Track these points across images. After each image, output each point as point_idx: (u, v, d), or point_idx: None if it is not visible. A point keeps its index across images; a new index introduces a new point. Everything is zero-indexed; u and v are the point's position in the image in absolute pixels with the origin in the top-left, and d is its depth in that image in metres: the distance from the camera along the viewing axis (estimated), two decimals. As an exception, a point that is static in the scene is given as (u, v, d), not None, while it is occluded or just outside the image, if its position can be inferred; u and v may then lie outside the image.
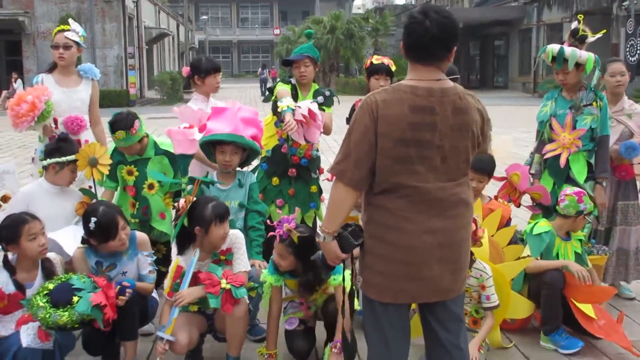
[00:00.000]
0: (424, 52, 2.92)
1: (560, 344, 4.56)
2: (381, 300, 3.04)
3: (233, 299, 3.95)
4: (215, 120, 4.75)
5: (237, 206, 4.68)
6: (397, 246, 2.95)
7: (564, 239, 4.75)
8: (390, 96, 2.91)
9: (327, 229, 3.03)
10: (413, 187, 2.92)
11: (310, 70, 5.37)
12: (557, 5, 35.17)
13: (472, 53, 49.78)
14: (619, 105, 5.38)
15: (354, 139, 2.93)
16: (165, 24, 46.00)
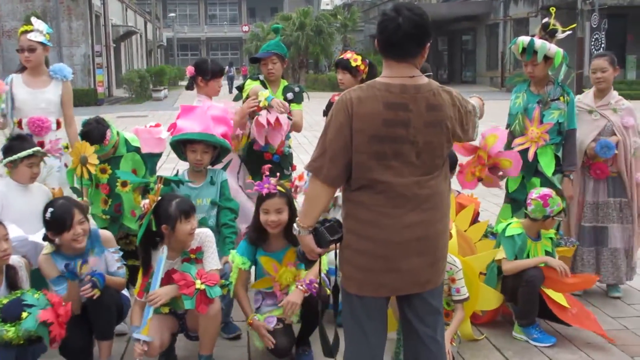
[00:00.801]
0: (398, 49, 2.98)
1: (533, 336, 4.64)
2: (361, 294, 3.09)
3: (207, 299, 3.94)
4: (185, 118, 4.74)
5: (209, 204, 4.68)
6: (376, 241, 3.01)
7: (534, 239, 4.78)
8: (365, 93, 2.98)
9: (302, 223, 3.10)
10: (389, 183, 2.97)
11: (278, 67, 5.41)
12: (523, 0, 35.48)
13: (440, 48, 50.03)
14: (604, 100, 5.34)
15: (330, 136, 3.00)
16: (132, 21, 45.58)
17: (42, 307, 3.65)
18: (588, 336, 4.68)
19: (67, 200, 4.17)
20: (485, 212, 7.34)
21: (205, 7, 78.26)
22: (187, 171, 4.77)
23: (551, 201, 4.64)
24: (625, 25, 33.01)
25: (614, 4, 30.92)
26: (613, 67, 5.30)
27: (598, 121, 5.30)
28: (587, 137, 5.27)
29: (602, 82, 5.31)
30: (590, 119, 5.32)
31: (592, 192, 5.34)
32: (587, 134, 5.28)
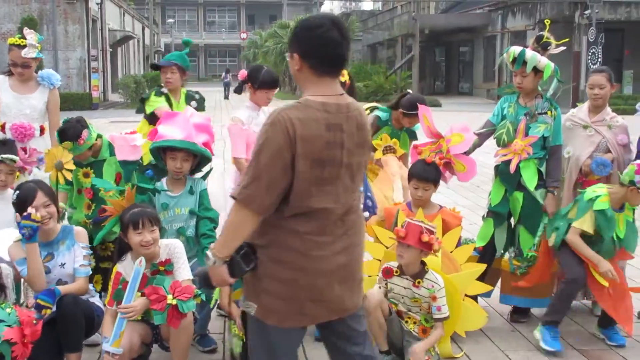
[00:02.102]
0: (339, 62, 2.81)
1: (544, 338, 4.65)
2: (282, 325, 2.87)
3: (180, 314, 3.85)
4: (167, 125, 4.67)
5: (187, 213, 4.60)
6: (305, 271, 2.81)
7: (617, 211, 4.72)
8: (304, 114, 2.73)
9: (219, 253, 2.81)
10: (326, 210, 2.80)
11: (177, 77, 5.50)
12: (520, 13, 35.55)
13: (437, 59, 50.13)
14: (599, 116, 5.26)
15: (265, 161, 2.71)
16: (130, 26, 45.53)
17: (11, 323, 3.57)
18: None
19: (36, 183, 4.16)
20: (474, 225, 7.28)
21: (204, 13, 78.25)
22: (166, 179, 4.69)
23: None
24: (623, 40, 33.09)
25: (611, 19, 30.99)
26: (611, 83, 5.22)
27: (593, 137, 5.22)
28: (582, 153, 5.20)
29: (599, 98, 5.22)
30: (585, 135, 5.25)
31: None
32: (583, 149, 5.21)
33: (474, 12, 42.11)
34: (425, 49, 45.55)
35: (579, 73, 30.60)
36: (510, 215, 5.22)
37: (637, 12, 31.33)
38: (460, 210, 5.29)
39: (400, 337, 4.38)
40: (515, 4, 35.86)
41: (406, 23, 41.43)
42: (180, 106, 5.53)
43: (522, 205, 5.10)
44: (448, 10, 47.43)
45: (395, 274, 4.36)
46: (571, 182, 5.23)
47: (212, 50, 78.12)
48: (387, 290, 4.41)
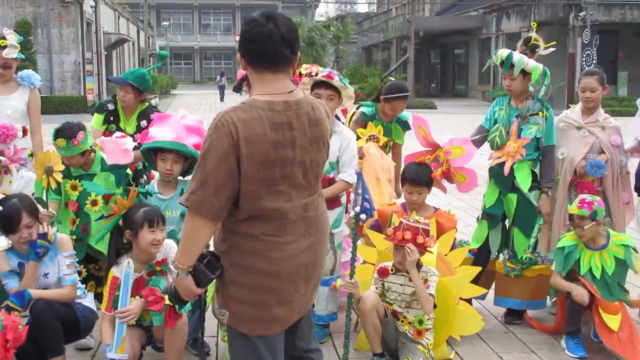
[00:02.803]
0: (274, 55, 2.72)
1: (568, 346, 4.67)
2: (252, 333, 2.82)
3: (176, 314, 3.88)
4: (158, 127, 4.65)
5: (178, 216, 4.57)
6: (267, 274, 2.76)
7: (591, 248, 4.69)
8: (248, 115, 2.67)
9: (181, 264, 2.76)
10: (279, 210, 2.74)
11: (130, 97, 5.50)
12: (515, 15, 35.61)
13: (432, 61, 50.18)
14: (593, 117, 5.23)
15: (210, 166, 2.64)
16: (125, 29, 45.47)
17: None
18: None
19: (20, 200, 4.06)
20: (469, 227, 7.28)
21: (199, 16, 78.19)
22: (157, 182, 4.66)
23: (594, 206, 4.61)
24: (617, 42, 33.15)
25: (606, 21, 31.04)
26: (602, 86, 5.19)
27: (587, 138, 5.20)
28: (576, 155, 5.18)
29: (591, 101, 5.20)
30: (579, 136, 5.22)
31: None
32: (577, 150, 5.19)
33: (468, 14, 42.17)
34: (420, 51, 45.60)
35: (573, 75, 30.63)
36: (504, 217, 5.21)
37: (632, 13, 31.39)
38: (455, 213, 5.27)
39: (395, 339, 4.36)
40: (509, 6, 35.93)
41: (401, 25, 41.53)
42: (129, 124, 5.51)
43: (516, 207, 5.09)
44: (443, 13, 47.49)
45: (390, 273, 4.36)
46: (566, 183, 5.21)
47: (207, 53, 78.07)
48: (385, 290, 4.40)
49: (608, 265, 4.65)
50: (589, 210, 4.58)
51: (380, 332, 4.31)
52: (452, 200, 9.92)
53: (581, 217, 4.60)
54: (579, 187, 5.18)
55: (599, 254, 4.68)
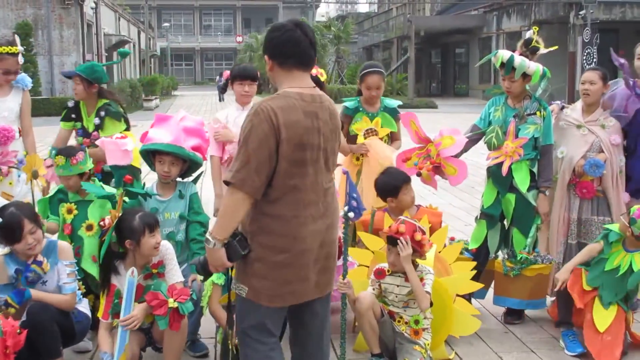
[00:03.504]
0: (304, 56, 3.13)
1: (566, 344, 4.68)
2: (272, 305, 3.16)
3: (180, 316, 3.88)
4: (157, 128, 4.65)
5: (177, 218, 4.58)
6: (291, 252, 3.09)
7: (627, 250, 4.62)
8: (284, 103, 3.04)
9: (219, 235, 3.06)
10: (306, 191, 3.09)
11: (80, 88, 5.43)
12: (516, 14, 35.58)
13: (433, 61, 50.17)
14: (593, 115, 5.20)
15: (253, 147, 2.98)
16: (125, 31, 45.46)
17: None
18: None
19: (18, 207, 4.03)
20: (469, 227, 7.27)
21: (200, 17, 78.22)
22: (155, 184, 4.66)
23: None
24: (617, 40, 33.05)
25: (606, 19, 30.99)
26: (603, 82, 5.16)
27: (586, 137, 5.17)
28: (576, 153, 5.15)
29: (588, 94, 5.16)
30: (579, 134, 5.19)
31: (577, 209, 5.21)
32: (576, 149, 5.16)
33: (469, 13, 42.14)
34: (421, 51, 45.59)
35: (574, 73, 30.60)
36: (503, 217, 5.20)
37: (632, 12, 31.34)
38: (437, 206, 5.24)
39: (392, 340, 4.36)
40: (510, 5, 35.89)
41: (401, 25, 41.50)
42: (90, 121, 5.47)
43: (514, 206, 5.09)
44: (443, 12, 47.45)
45: (387, 274, 4.36)
46: (564, 182, 5.20)
47: (208, 54, 78.13)
48: (382, 291, 4.40)
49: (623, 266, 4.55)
50: (636, 216, 4.48)
51: (378, 333, 4.31)
52: (452, 200, 9.95)
53: (628, 212, 4.57)
54: (577, 186, 5.17)
55: (629, 256, 4.59)
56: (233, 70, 5.34)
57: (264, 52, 3.20)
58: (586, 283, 4.64)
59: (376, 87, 5.36)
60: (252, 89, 5.20)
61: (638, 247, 4.59)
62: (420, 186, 7.84)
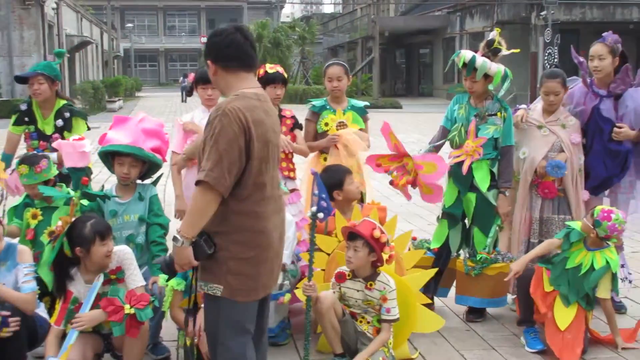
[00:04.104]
0: (247, 58, 3.23)
1: (527, 341, 4.74)
2: (247, 300, 3.23)
3: (138, 323, 3.82)
4: (116, 130, 4.60)
5: (137, 220, 4.54)
6: (262, 247, 3.20)
7: (588, 249, 4.68)
8: (248, 103, 3.13)
9: (187, 233, 3.09)
10: (270, 186, 3.21)
11: (45, 87, 5.36)
12: (479, 15, 35.92)
13: (398, 61, 50.42)
14: (554, 116, 5.23)
15: (224, 147, 3.03)
16: (88, 31, 44.91)
17: None
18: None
19: None
20: (432, 226, 7.30)
21: (164, 18, 77.61)
22: (115, 186, 4.61)
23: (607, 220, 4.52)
24: (578, 40, 33.54)
25: (567, 20, 31.45)
26: (565, 88, 5.21)
27: (548, 137, 5.21)
28: (537, 154, 5.19)
29: (554, 104, 5.21)
30: (540, 135, 5.22)
31: (539, 208, 5.25)
32: (537, 150, 5.19)
33: (432, 14, 42.45)
34: (386, 51, 45.77)
35: (536, 73, 30.95)
36: (464, 216, 5.24)
37: (592, 13, 31.86)
38: (380, 201, 5.26)
39: (354, 339, 4.35)
40: (473, 6, 36.23)
41: (366, 25, 41.65)
42: (47, 123, 5.39)
43: (475, 206, 5.12)
44: (407, 13, 47.73)
45: (348, 278, 4.34)
46: (526, 183, 5.23)
47: (172, 55, 77.55)
48: (341, 295, 4.39)
49: (584, 265, 4.62)
50: (600, 219, 4.53)
51: (340, 332, 4.30)
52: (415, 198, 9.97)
53: (592, 214, 4.62)
54: (540, 186, 5.21)
55: (590, 254, 4.66)
56: (196, 74, 5.29)
57: (205, 57, 3.27)
58: (548, 284, 4.69)
59: (337, 78, 5.41)
60: (216, 93, 5.16)
61: (599, 246, 4.66)
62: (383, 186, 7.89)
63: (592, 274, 4.60)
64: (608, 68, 5.20)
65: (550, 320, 4.61)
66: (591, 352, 4.64)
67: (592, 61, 5.25)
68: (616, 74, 5.23)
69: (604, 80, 5.26)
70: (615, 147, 5.20)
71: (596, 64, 5.22)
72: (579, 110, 5.31)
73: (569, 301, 4.62)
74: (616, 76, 5.20)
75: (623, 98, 5.23)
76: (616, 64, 5.22)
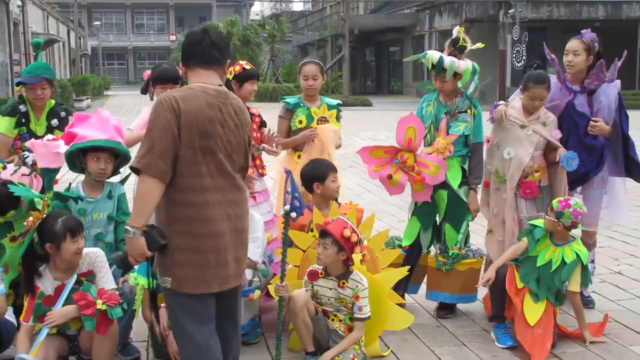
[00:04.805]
0: (205, 55, 3.34)
1: (497, 337, 4.78)
2: (196, 292, 3.27)
3: (108, 320, 3.79)
4: (85, 127, 4.52)
5: (105, 218, 4.48)
6: (207, 236, 3.24)
7: (555, 243, 4.71)
8: (186, 93, 3.25)
9: (136, 223, 3.18)
10: (212, 176, 3.25)
11: (48, 92, 5.28)
12: (447, 13, 36.13)
13: (368, 59, 50.54)
14: (534, 115, 5.14)
15: (156, 133, 3.16)
16: (54, 29, 44.34)
17: None
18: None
19: None
20: (403, 223, 7.32)
21: (132, 16, 76.91)
22: (81, 184, 4.54)
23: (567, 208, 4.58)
24: (546, 38, 33.89)
25: (534, 18, 31.79)
26: (548, 90, 5.14)
27: (531, 137, 5.13)
28: (524, 155, 5.09)
29: (537, 108, 5.14)
30: (524, 134, 5.13)
31: (525, 208, 5.19)
32: (524, 151, 5.11)
33: (402, 12, 42.62)
34: (356, 49, 45.88)
35: (504, 71, 31.29)
36: (435, 213, 5.25)
37: (559, 10, 32.23)
38: (357, 203, 5.26)
39: (327, 337, 4.35)
40: (442, 4, 36.43)
41: (335, 23, 41.68)
42: (40, 124, 5.30)
43: (446, 202, 5.14)
44: (377, 11, 47.88)
45: (320, 276, 4.34)
46: (513, 183, 5.14)
47: (141, 53, 76.90)
48: (314, 293, 4.38)
49: (555, 262, 4.65)
50: (561, 209, 4.58)
51: (312, 331, 4.30)
52: (386, 195, 10.01)
53: (551, 209, 4.65)
54: (522, 186, 5.14)
55: (559, 250, 4.69)
56: (153, 73, 5.10)
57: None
58: (519, 280, 4.73)
59: (312, 76, 5.41)
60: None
61: (566, 240, 4.70)
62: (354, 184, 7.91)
63: (563, 268, 4.64)
64: (581, 64, 5.23)
65: (519, 316, 4.65)
66: (560, 347, 4.69)
67: (567, 55, 5.28)
68: (590, 71, 5.23)
69: (576, 76, 5.30)
70: (591, 141, 5.21)
71: (570, 59, 5.25)
72: (552, 105, 5.32)
73: (539, 297, 4.66)
74: (591, 72, 5.21)
75: (597, 93, 5.26)
76: (590, 62, 5.24)
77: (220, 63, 3.41)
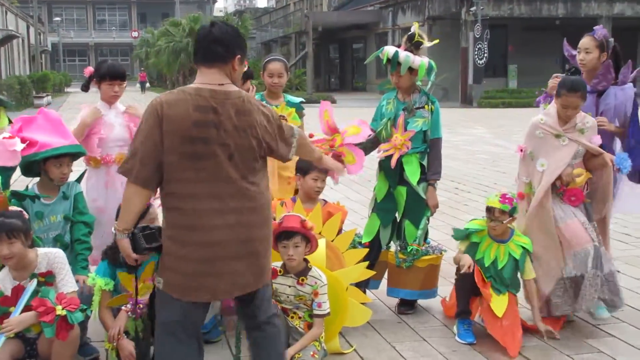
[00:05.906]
0: (207, 52, 3.23)
1: (459, 332, 4.80)
2: (184, 299, 3.24)
3: (68, 325, 3.73)
4: (40, 132, 4.38)
5: (62, 220, 4.42)
6: (199, 245, 3.17)
7: (496, 240, 4.78)
8: (175, 97, 3.18)
9: (119, 226, 3.26)
10: (204, 183, 3.15)
11: None
12: (410, 10, 36.37)
13: (331, 56, 50.64)
14: (570, 123, 4.83)
15: (140, 139, 3.15)
16: (13, 25, 43.65)
17: None
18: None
19: None
20: (365, 220, 7.34)
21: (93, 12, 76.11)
22: (36, 185, 4.47)
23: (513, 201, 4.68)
24: (507, 36, 34.35)
25: (496, 15, 32.13)
26: (584, 100, 4.78)
27: (568, 146, 4.83)
28: (560, 163, 4.82)
29: (572, 117, 4.82)
30: (559, 144, 4.84)
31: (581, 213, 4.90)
32: (559, 160, 4.83)
33: (365, 9, 42.78)
34: (319, 46, 45.93)
35: (466, 68, 31.57)
36: (395, 209, 5.27)
37: (519, 8, 32.61)
38: (344, 205, 5.28)
39: (286, 335, 4.34)
40: (404, 1, 36.67)
41: (299, 20, 41.70)
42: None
43: (405, 199, 5.16)
44: (340, 8, 47.97)
45: (279, 274, 4.32)
46: (539, 196, 4.84)
47: (103, 50, 76.09)
48: (272, 291, 4.36)
49: (500, 260, 4.76)
50: (510, 205, 4.64)
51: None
52: (349, 193, 10.06)
53: (502, 212, 4.67)
54: (565, 194, 4.89)
55: (503, 247, 4.77)
56: (101, 69, 4.97)
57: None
58: (485, 277, 4.80)
59: (278, 74, 5.40)
60: (122, 90, 5.00)
61: (507, 236, 4.81)
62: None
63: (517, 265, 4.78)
64: (594, 62, 5.09)
65: (487, 309, 4.70)
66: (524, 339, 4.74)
67: (579, 54, 5.17)
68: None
69: (590, 74, 5.12)
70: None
71: (582, 57, 5.14)
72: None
73: (500, 291, 4.75)
74: (597, 72, 5.07)
75: (606, 94, 5.10)
76: (604, 59, 5.08)
77: (225, 60, 3.24)
